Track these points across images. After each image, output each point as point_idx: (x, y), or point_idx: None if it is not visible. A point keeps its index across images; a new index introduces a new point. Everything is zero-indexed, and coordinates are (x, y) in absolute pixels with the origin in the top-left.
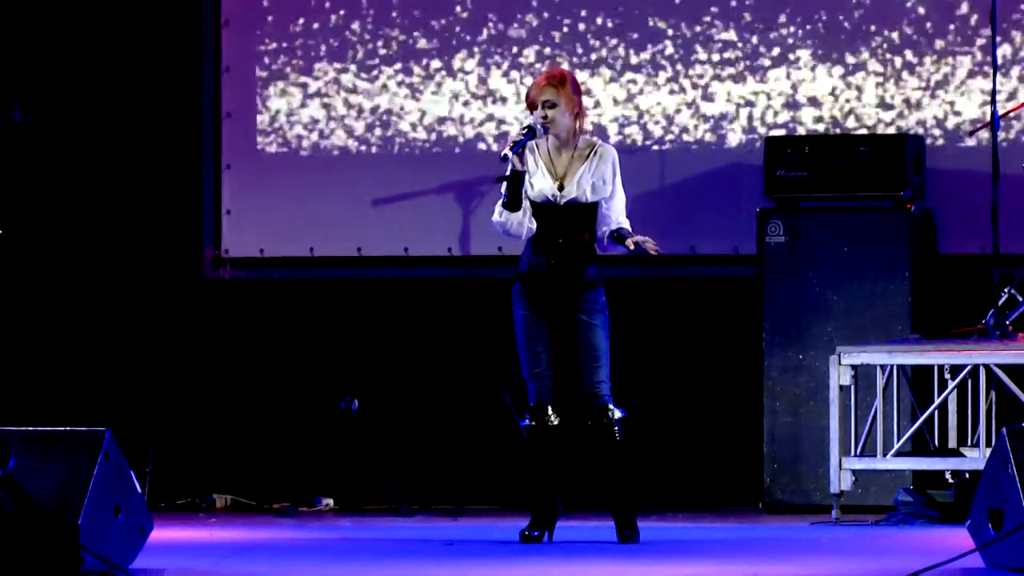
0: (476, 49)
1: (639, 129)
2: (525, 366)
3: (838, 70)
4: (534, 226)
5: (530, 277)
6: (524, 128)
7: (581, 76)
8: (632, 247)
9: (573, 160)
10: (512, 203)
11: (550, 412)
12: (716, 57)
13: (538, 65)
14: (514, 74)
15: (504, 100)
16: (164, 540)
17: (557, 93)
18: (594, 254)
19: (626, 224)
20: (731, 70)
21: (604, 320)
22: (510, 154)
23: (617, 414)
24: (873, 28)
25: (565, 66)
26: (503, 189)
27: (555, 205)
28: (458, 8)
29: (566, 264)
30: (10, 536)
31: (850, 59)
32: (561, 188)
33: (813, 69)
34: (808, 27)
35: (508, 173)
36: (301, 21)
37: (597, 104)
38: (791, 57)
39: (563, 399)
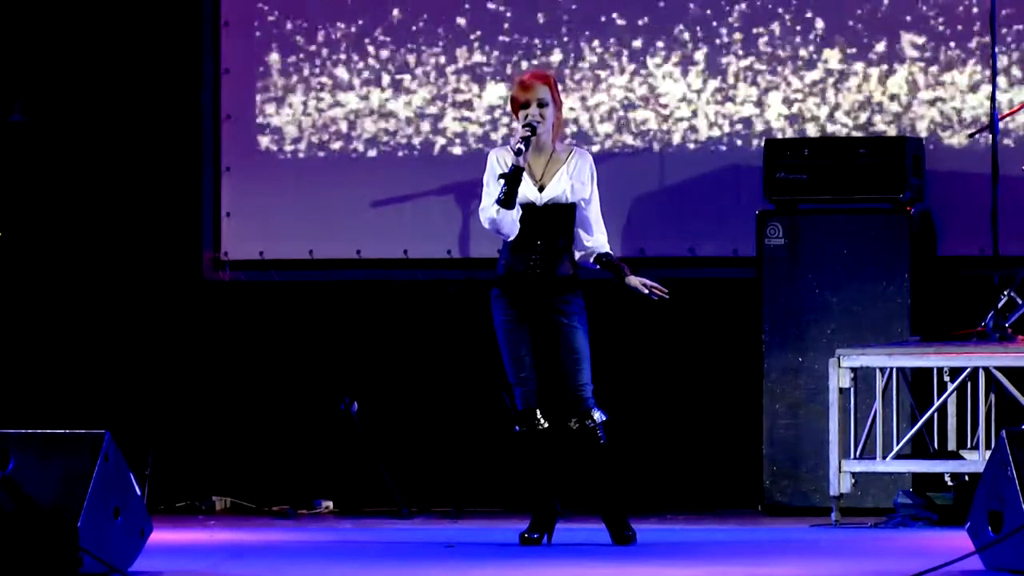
0: (475, 51)
1: (638, 131)
2: (510, 371)
3: (838, 72)
4: (517, 229)
5: (509, 280)
6: (526, 126)
7: (580, 77)
8: (645, 291)
9: (552, 163)
10: (509, 201)
11: (538, 415)
12: (715, 59)
13: (535, 66)
14: (512, 75)
15: (503, 101)
16: (163, 542)
17: (550, 91)
18: (572, 257)
19: (604, 240)
20: (730, 72)
21: (583, 322)
22: (523, 148)
23: (599, 416)
24: (873, 30)
25: (562, 66)
26: (504, 186)
27: (535, 207)
28: (456, 14)
29: (545, 266)
30: (10, 538)
31: (850, 61)
32: (541, 190)
33: (813, 71)
34: (808, 29)
35: (510, 171)
36: (301, 23)
37: (597, 105)
38: (791, 59)
39: (549, 402)
